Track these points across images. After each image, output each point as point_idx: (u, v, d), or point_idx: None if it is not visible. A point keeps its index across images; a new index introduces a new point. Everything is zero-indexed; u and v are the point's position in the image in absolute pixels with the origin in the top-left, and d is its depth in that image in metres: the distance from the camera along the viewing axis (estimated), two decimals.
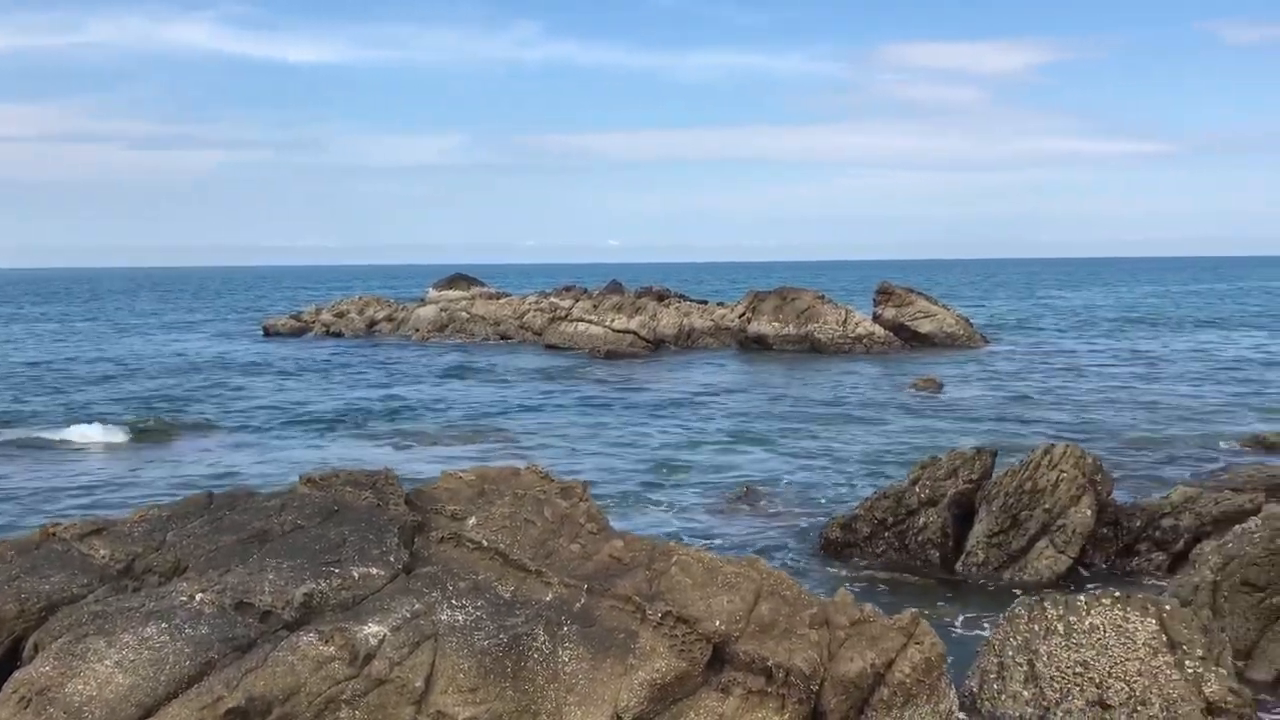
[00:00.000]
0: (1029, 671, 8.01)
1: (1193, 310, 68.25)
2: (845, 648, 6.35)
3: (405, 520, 7.46)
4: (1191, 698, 7.63)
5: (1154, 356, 38.01)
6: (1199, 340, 45.27)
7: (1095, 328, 53.10)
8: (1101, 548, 11.94)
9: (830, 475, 17.99)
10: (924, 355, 38.20)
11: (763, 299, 43.72)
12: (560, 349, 41.97)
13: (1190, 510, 11.84)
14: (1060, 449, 12.24)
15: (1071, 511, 11.71)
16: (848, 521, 13.04)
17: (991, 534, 11.96)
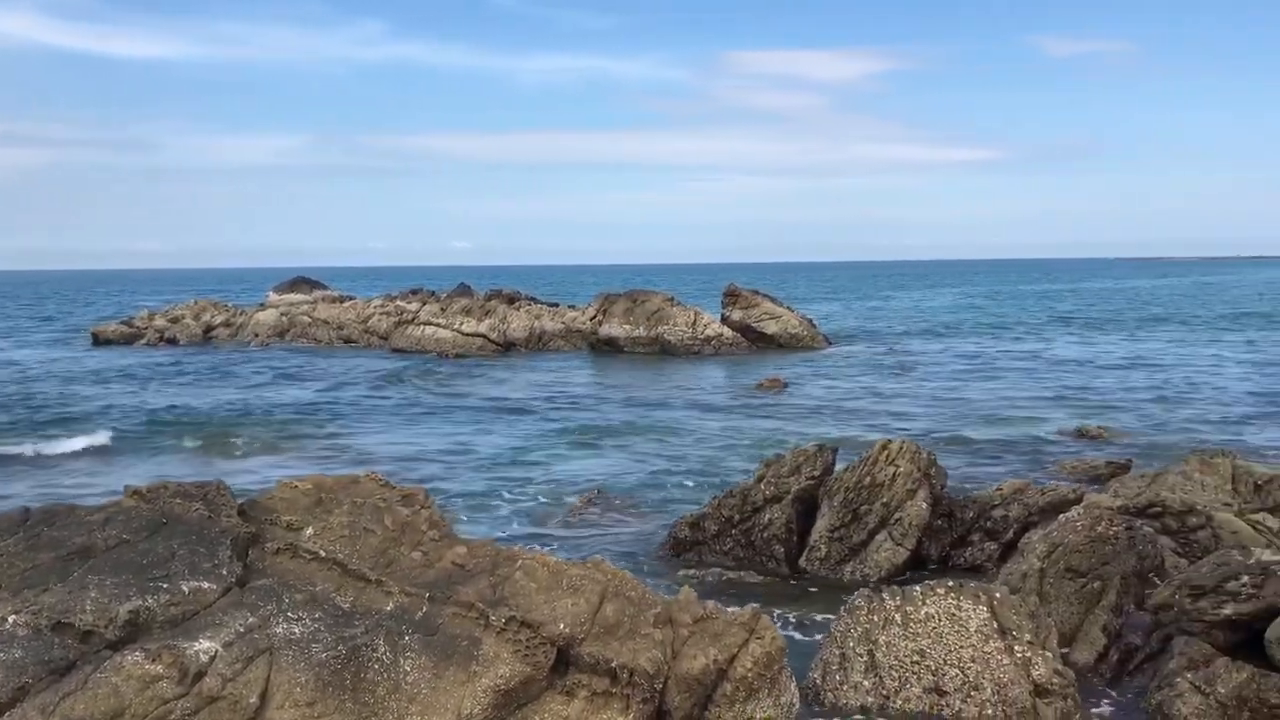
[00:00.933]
0: (869, 661, 8.22)
1: (1021, 311, 71.58)
2: (689, 645, 6.38)
3: (238, 532, 7.17)
4: (1020, 680, 7.96)
5: (986, 356, 39.67)
6: (1027, 340, 47.48)
7: (932, 329, 55.14)
8: (937, 539, 12.35)
9: (679, 475, 18.15)
10: (770, 356, 39.01)
11: (613, 301, 43.91)
12: (407, 353, 41.25)
13: (1018, 501, 12.36)
14: (897, 445, 12.62)
15: (908, 505, 12.08)
16: (696, 520, 13.16)
17: (833, 529, 12.25)
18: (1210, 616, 8.67)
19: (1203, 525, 11.14)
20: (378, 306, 48.73)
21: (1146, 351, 40.58)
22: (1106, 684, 8.80)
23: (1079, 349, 42.06)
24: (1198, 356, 38.32)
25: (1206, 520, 11.19)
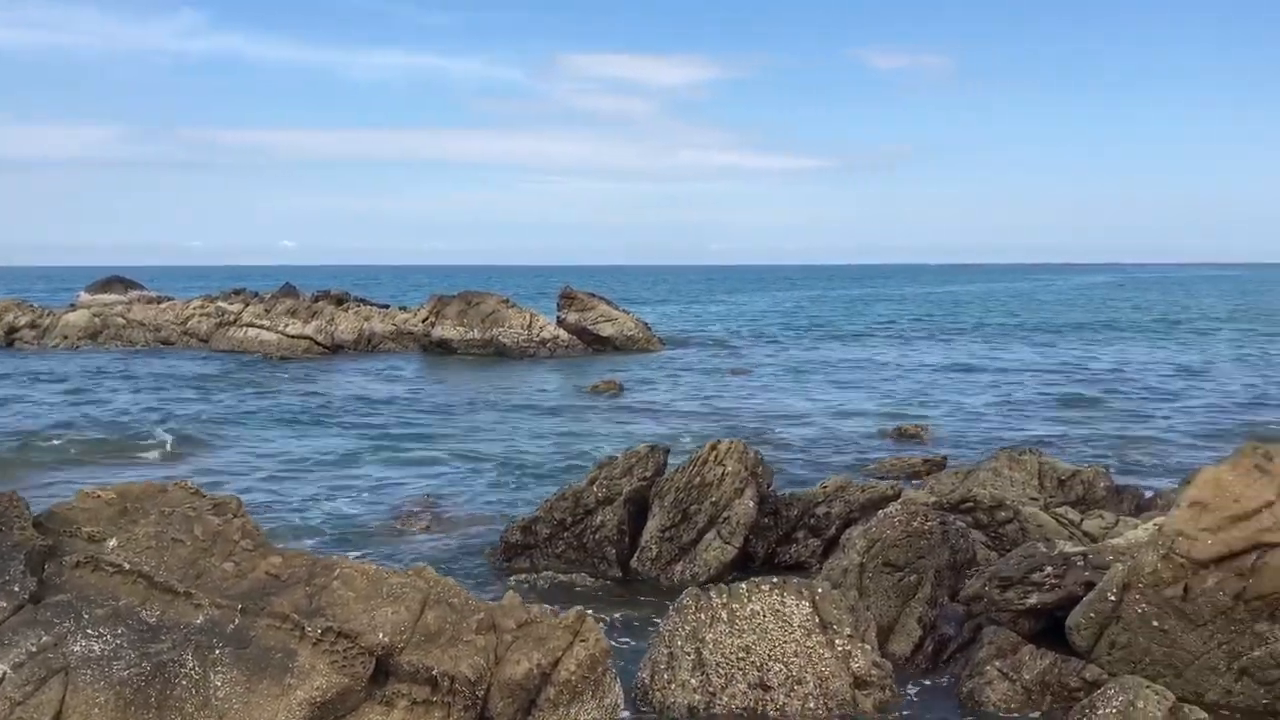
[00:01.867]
0: (696, 660, 8.29)
1: (847, 315, 74.00)
2: (512, 650, 6.30)
3: (33, 545, 6.71)
4: (841, 674, 8.16)
5: (815, 359, 40.82)
6: (854, 343, 49.08)
7: (764, 332, 56.44)
8: (764, 537, 12.57)
9: (512, 478, 17.99)
10: (606, 358, 39.17)
11: (446, 303, 43.30)
12: (229, 356, 39.71)
13: (841, 498, 12.70)
14: (725, 444, 12.80)
15: (736, 504, 12.26)
16: (527, 524, 13.05)
17: (664, 529, 12.34)
18: (1017, 606, 9.10)
19: (1011, 519, 11.67)
20: (197, 308, 46.70)
21: (963, 354, 42.46)
22: (922, 674, 9.12)
23: (901, 352, 43.70)
24: (1008, 359, 40.30)
25: (1015, 514, 11.74)
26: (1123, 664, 8.15)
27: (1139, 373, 34.44)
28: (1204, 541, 7.92)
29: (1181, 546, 7.99)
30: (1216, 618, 7.89)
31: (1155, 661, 8.09)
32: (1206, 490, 8.08)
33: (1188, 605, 7.96)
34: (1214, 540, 7.90)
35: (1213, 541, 7.89)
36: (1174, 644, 8.04)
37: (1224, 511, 7.95)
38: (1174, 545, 8.03)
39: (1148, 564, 8.15)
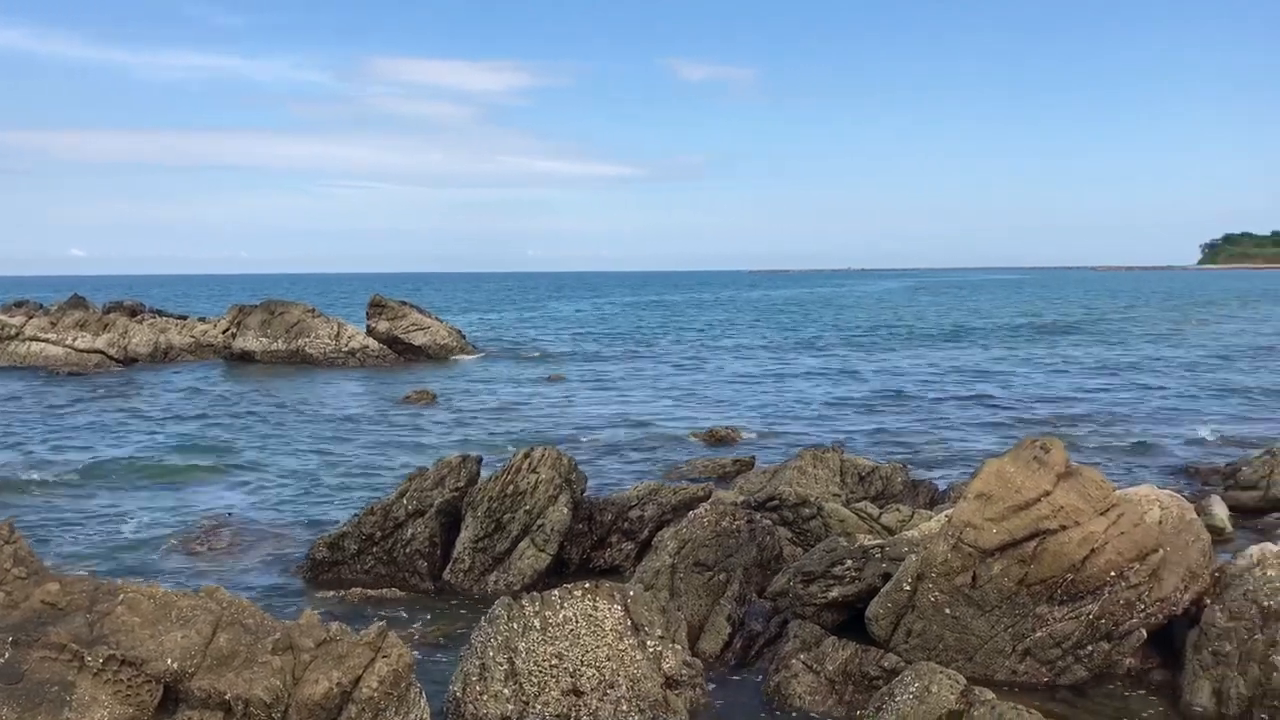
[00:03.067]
0: (509, 669, 8.21)
1: (661, 321, 75.04)
2: (310, 670, 6.09)
3: None
4: (653, 674, 8.24)
5: (630, 364, 41.21)
6: (670, 348, 49.77)
7: (580, 338, 56.62)
8: (578, 543, 12.60)
9: (320, 493, 17.46)
10: (419, 367, 38.50)
11: (249, 313, 41.71)
12: (10, 372, 37.13)
13: (653, 501, 12.85)
14: (539, 452, 12.76)
15: (550, 511, 12.24)
16: (335, 540, 12.69)
17: (477, 539, 12.20)
18: (820, 600, 9.40)
19: (815, 515, 12.05)
20: None
21: (775, 358, 43.68)
22: (731, 670, 9.30)
23: (714, 356, 44.59)
24: (815, 362, 41.68)
25: (818, 510, 12.12)
26: (919, 651, 8.52)
27: (935, 374, 36.17)
28: (989, 531, 8.36)
29: (969, 536, 8.42)
30: (1002, 603, 8.34)
31: (948, 647, 8.49)
32: (990, 482, 8.54)
33: (976, 592, 8.38)
34: (998, 529, 8.34)
35: (997, 530, 8.34)
36: (964, 629, 8.45)
37: (1007, 502, 8.41)
38: (962, 535, 8.45)
39: (939, 554, 8.55)
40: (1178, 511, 8.71)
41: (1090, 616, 8.23)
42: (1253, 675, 7.89)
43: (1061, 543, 8.19)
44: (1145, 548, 8.27)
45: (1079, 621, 8.23)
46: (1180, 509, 8.78)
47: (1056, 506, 8.30)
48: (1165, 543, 8.40)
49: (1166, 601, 8.36)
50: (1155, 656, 8.67)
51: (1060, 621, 8.26)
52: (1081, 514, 8.31)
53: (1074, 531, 8.21)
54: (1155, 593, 8.29)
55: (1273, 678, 7.79)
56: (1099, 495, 8.48)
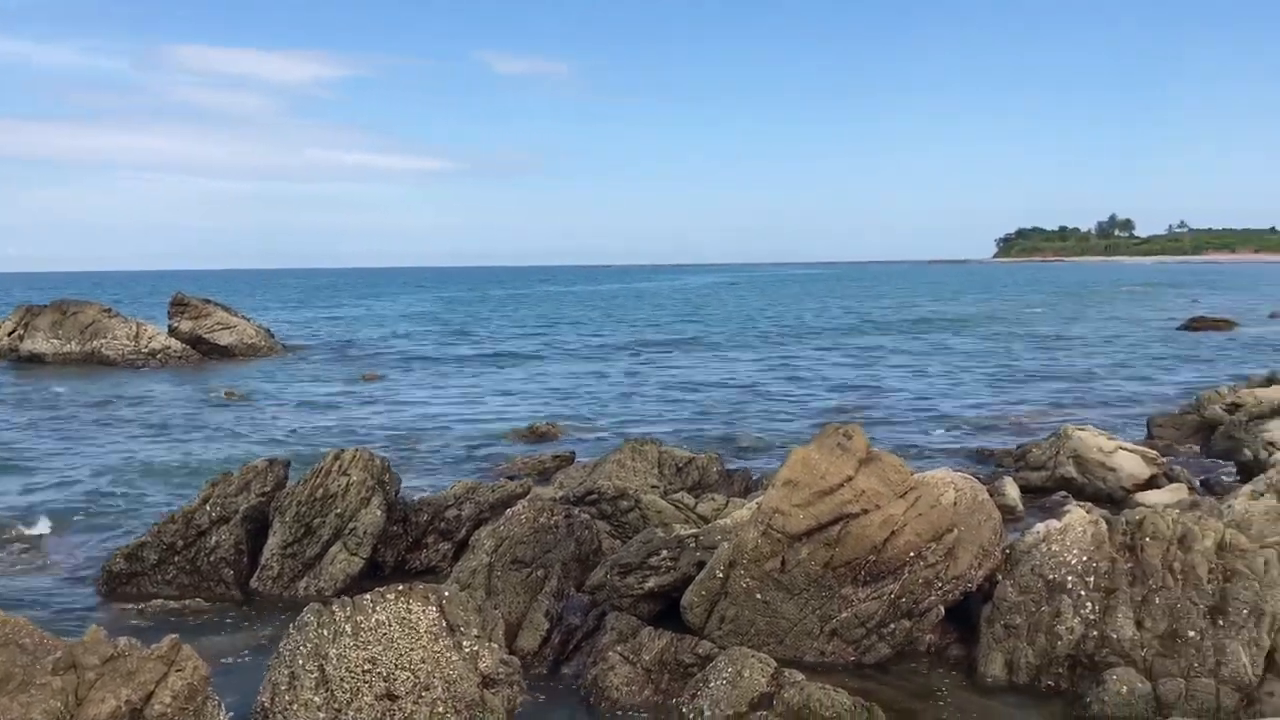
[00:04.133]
0: (320, 677, 7.98)
1: (481, 318, 74.40)
2: (96, 689, 5.77)
3: None
4: (469, 675, 8.15)
5: (448, 360, 40.68)
6: (488, 343, 49.37)
7: (395, 335, 55.54)
8: (393, 545, 12.35)
9: (118, 501, 16.54)
10: (225, 368, 36.96)
11: (38, 314, 39.26)
12: None
13: (471, 500, 12.72)
14: (350, 454, 12.45)
15: (363, 514, 11.96)
16: (133, 551, 12.06)
17: (286, 545, 11.81)
18: (637, 591, 9.50)
19: (633, 507, 12.17)
20: None
21: (597, 352, 43.90)
22: (550, 665, 9.29)
23: (536, 352, 44.49)
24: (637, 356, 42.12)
25: (636, 502, 12.25)
26: (732, 636, 8.70)
27: (753, 367, 37.09)
28: (796, 517, 8.62)
29: (777, 522, 8.65)
30: (810, 586, 8.61)
31: (760, 631, 8.71)
32: (797, 469, 8.80)
33: (785, 576, 8.63)
34: (805, 515, 8.61)
35: (804, 516, 8.60)
36: (775, 613, 8.69)
37: (812, 487, 8.68)
38: (771, 522, 8.68)
39: (749, 541, 8.76)
40: (971, 493, 9.17)
41: (892, 596, 8.58)
42: (1040, 645, 8.39)
43: (864, 526, 8.51)
44: (941, 528, 8.68)
45: (881, 601, 8.57)
46: (973, 490, 9.25)
47: (859, 491, 8.62)
48: (960, 523, 8.83)
49: (962, 578, 8.79)
50: (953, 631, 9.11)
51: (864, 602, 8.58)
52: (882, 498, 8.65)
53: (875, 515, 8.55)
54: (951, 570, 8.71)
55: (1057, 646, 8.30)
56: (898, 479, 8.85)
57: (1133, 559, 8.50)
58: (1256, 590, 8.05)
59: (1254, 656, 7.78)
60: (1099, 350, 42.00)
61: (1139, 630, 8.12)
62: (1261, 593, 8.04)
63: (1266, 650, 7.82)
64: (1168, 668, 7.93)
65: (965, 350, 42.29)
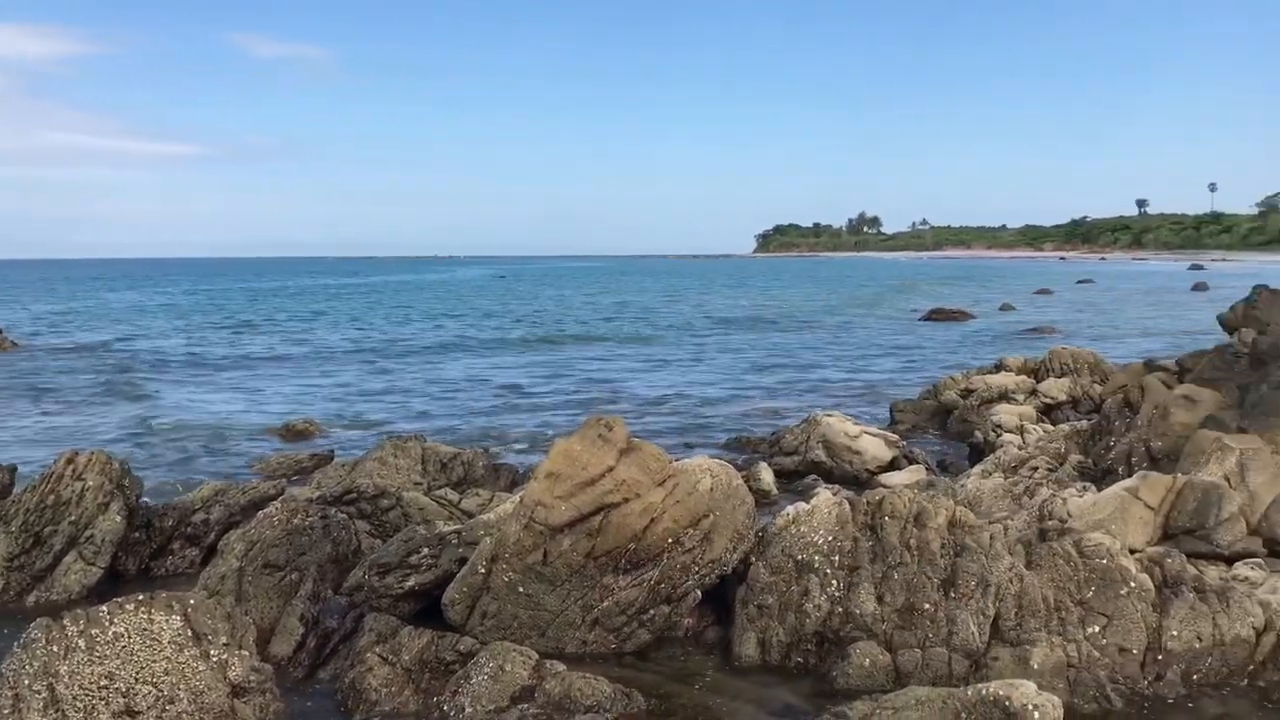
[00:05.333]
0: (49, 698, 7.42)
1: (234, 310, 71.09)
2: None
3: None
4: (217, 685, 7.77)
5: (201, 356, 38.65)
6: (241, 340, 47.22)
7: (139, 331, 52.32)
8: (135, 552, 11.63)
9: None
10: None
11: None
12: None
13: (220, 503, 12.13)
14: (84, 457, 11.62)
15: (100, 520, 11.19)
16: None
17: (12, 556, 10.92)
18: (396, 590, 9.31)
19: (394, 505, 11.92)
20: None
21: (358, 346, 42.73)
22: (307, 670, 8.96)
23: (296, 345, 42.90)
24: (400, 352, 41.29)
25: (397, 500, 12.00)
26: (494, 631, 8.66)
27: (523, 362, 37.05)
28: (559, 508, 8.65)
29: (540, 515, 8.66)
30: (572, 577, 8.67)
31: (522, 625, 8.70)
32: (559, 461, 8.84)
33: (547, 569, 8.65)
34: (567, 506, 8.65)
35: (565, 507, 8.65)
36: (537, 606, 8.70)
37: (574, 479, 8.74)
38: (533, 514, 8.68)
39: (512, 534, 8.74)
40: (726, 479, 9.45)
41: (652, 582, 8.75)
42: (790, 623, 8.75)
43: (624, 514, 8.64)
44: (698, 514, 8.91)
45: (642, 588, 8.72)
46: (729, 476, 9.53)
47: (619, 480, 8.74)
48: (716, 508, 9.09)
49: (718, 562, 9.06)
50: (710, 614, 9.38)
51: (625, 590, 8.72)
52: (642, 486, 8.81)
53: (635, 503, 8.69)
54: (708, 555, 8.96)
55: (806, 624, 8.69)
56: (657, 468, 9.03)
57: (874, 537, 8.98)
58: (983, 563, 8.65)
59: (981, 625, 8.36)
60: (848, 338, 44.32)
61: (880, 605, 8.59)
62: (987, 565, 8.65)
63: (992, 618, 8.41)
64: (906, 639, 8.42)
65: (726, 340, 43.70)
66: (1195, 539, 10.10)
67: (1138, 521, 10.27)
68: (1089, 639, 8.34)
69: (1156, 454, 12.65)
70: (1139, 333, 45.51)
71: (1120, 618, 8.41)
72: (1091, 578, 8.64)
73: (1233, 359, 13.72)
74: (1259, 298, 15.75)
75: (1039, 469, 13.95)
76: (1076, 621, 8.42)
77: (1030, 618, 8.41)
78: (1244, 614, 8.50)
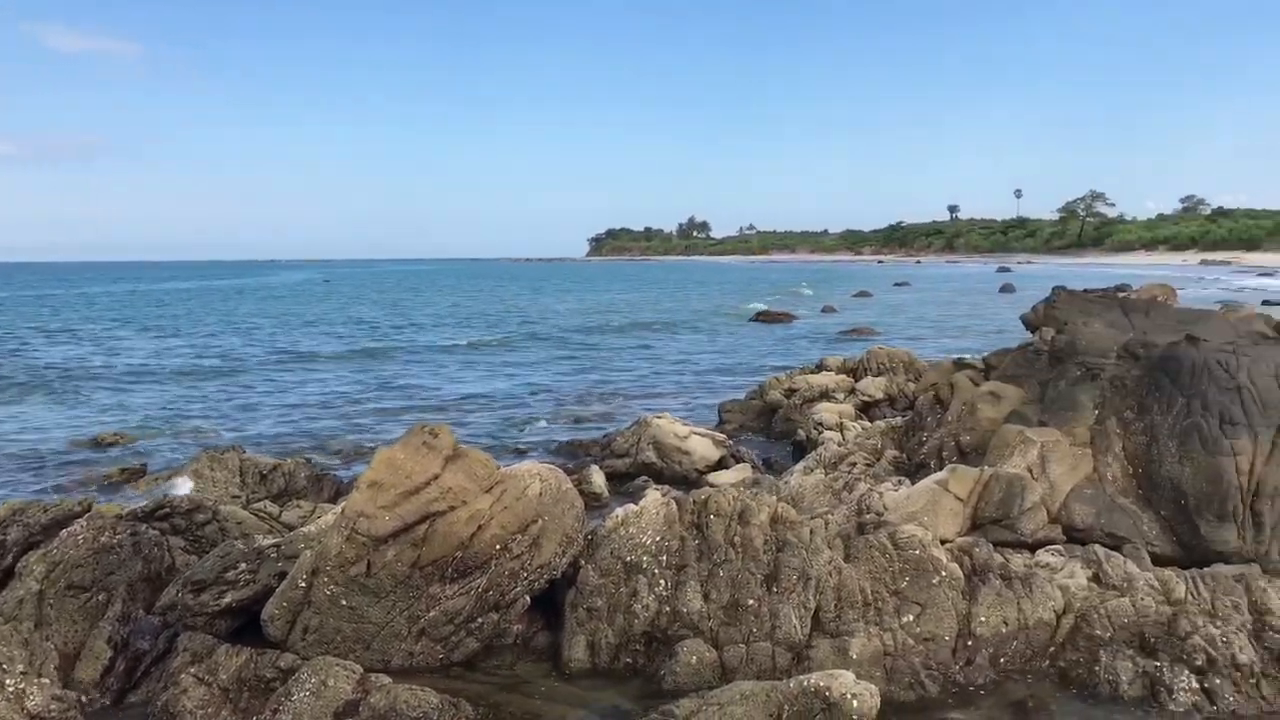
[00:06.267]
0: None
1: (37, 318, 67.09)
2: None
3: None
4: (15, 716, 7.32)
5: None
6: (45, 348, 44.60)
7: None
8: None
9: None
10: None
11: None
12: None
13: (18, 522, 11.33)
14: None
15: None
16: None
17: None
18: (213, 607, 8.94)
19: (210, 520, 11.42)
20: None
21: (179, 354, 40.91)
22: (116, 695, 8.52)
23: (103, 354, 40.75)
24: (216, 362, 39.71)
25: (213, 514, 11.50)
26: (317, 646, 8.42)
27: (343, 369, 36.14)
28: (382, 518, 8.47)
29: (363, 526, 8.47)
30: (397, 587, 8.50)
31: (346, 639, 8.48)
32: (382, 470, 8.66)
33: (371, 580, 8.46)
34: (390, 516, 8.48)
35: (389, 517, 8.47)
36: (361, 619, 8.50)
37: (398, 488, 8.58)
38: (356, 525, 8.48)
39: (333, 546, 8.51)
40: (555, 483, 9.44)
41: (480, 590, 8.67)
42: (619, 624, 8.80)
43: (450, 522, 8.52)
44: (526, 519, 8.87)
45: (469, 596, 8.63)
46: (558, 480, 9.52)
47: (445, 488, 8.62)
48: (544, 513, 9.07)
49: (547, 567, 9.04)
50: (540, 620, 9.35)
51: (452, 598, 8.60)
52: (469, 493, 8.71)
53: (462, 511, 8.59)
54: (537, 560, 8.93)
55: (634, 624, 8.75)
56: (484, 474, 8.95)
57: (699, 536, 9.12)
58: (804, 557, 8.90)
59: (802, 618, 8.60)
60: (679, 341, 44.96)
61: (706, 602, 8.73)
62: (808, 559, 8.90)
63: (813, 610, 8.66)
64: (731, 635, 8.58)
65: (561, 342, 43.69)
66: (1001, 528, 10.63)
67: (948, 513, 10.75)
68: (904, 627, 8.67)
69: (965, 448, 13.26)
70: (952, 332, 47.68)
71: (933, 606, 8.78)
72: (906, 568, 8.98)
73: (1034, 356, 14.49)
74: (1057, 298, 16.70)
75: (857, 464, 14.44)
76: (892, 611, 8.75)
77: (849, 609, 8.69)
78: (1045, 598, 8.99)
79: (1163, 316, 16.69)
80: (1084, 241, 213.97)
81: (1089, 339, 13.36)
